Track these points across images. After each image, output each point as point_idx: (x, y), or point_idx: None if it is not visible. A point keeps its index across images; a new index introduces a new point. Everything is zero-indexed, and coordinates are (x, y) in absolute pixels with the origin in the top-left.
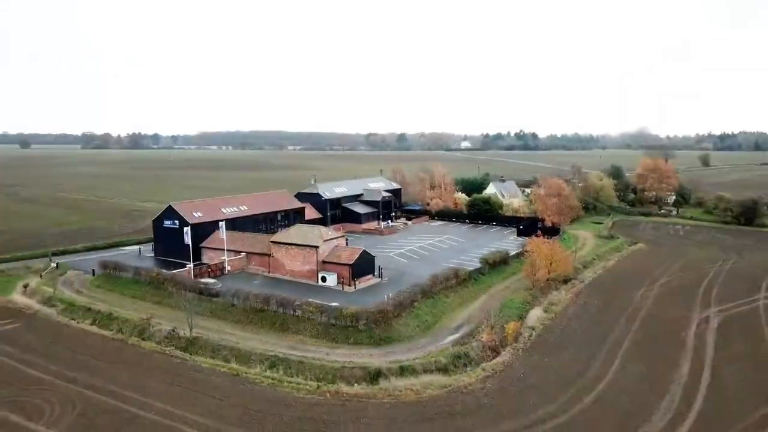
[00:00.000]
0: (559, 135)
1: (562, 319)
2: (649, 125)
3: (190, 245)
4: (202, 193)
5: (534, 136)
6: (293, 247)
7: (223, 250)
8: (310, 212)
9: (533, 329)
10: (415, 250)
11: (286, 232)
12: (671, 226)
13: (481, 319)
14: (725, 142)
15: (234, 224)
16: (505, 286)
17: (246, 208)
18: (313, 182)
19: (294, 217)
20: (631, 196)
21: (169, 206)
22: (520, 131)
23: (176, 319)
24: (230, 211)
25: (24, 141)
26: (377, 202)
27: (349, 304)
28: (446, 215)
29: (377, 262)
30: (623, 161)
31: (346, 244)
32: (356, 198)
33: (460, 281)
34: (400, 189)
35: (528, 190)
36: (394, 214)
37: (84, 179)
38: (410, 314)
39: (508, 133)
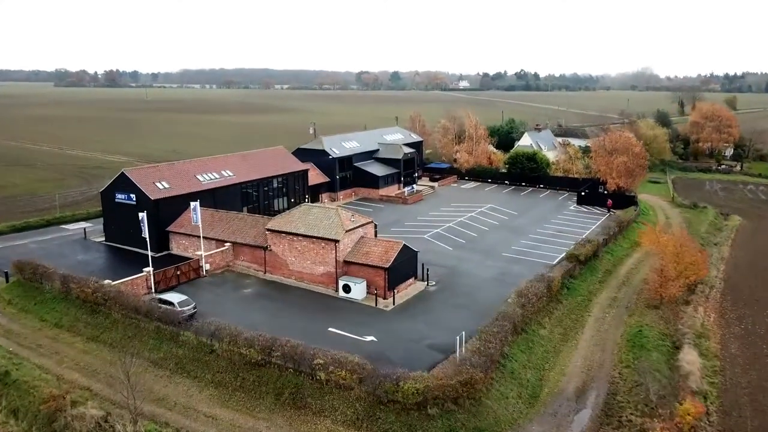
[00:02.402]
0: (557, 75)
1: (732, 369)
2: (651, 65)
3: (148, 238)
4: (179, 143)
5: (536, 76)
6: (300, 238)
7: (199, 237)
8: (314, 175)
9: (705, 398)
10: (456, 229)
11: (290, 215)
12: (742, 185)
13: (608, 372)
14: (734, 84)
15: (215, 197)
16: (612, 298)
17: (231, 174)
18: (312, 132)
19: (296, 183)
20: (681, 148)
21: (122, 174)
22: (521, 71)
23: (120, 376)
24: (209, 178)
25: None
26: (398, 160)
27: (389, 334)
28: (478, 175)
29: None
30: (641, 104)
31: (375, 234)
32: (371, 155)
33: (552, 295)
34: (421, 142)
35: (560, 140)
36: (416, 174)
37: (44, 123)
38: (502, 371)
39: (505, 73)
